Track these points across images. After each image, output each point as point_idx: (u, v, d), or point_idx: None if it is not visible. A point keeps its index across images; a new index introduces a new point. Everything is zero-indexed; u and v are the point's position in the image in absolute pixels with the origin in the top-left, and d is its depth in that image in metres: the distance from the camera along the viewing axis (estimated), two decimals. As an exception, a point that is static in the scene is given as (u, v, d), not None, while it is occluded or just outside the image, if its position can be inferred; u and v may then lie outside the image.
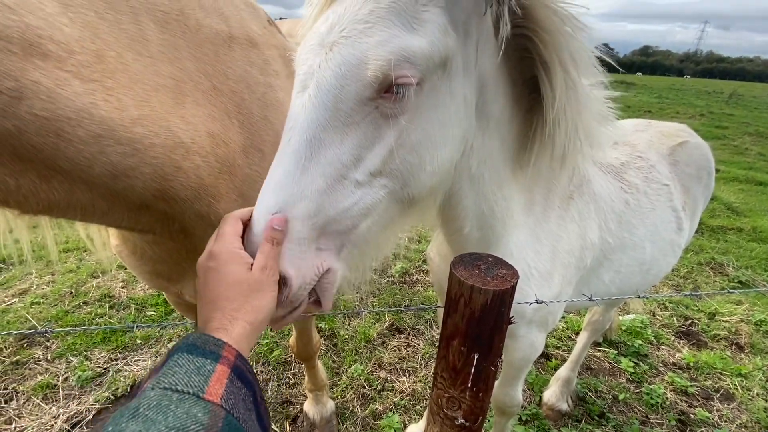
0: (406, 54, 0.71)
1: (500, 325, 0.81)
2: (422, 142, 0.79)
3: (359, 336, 3.05)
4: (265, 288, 0.69)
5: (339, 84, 0.72)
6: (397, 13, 0.73)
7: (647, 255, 1.67)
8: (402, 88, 0.72)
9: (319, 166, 0.73)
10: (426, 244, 4.46)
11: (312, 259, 0.76)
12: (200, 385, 0.53)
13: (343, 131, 0.74)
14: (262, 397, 0.63)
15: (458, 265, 0.84)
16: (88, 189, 0.87)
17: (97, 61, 0.82)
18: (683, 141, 1.96)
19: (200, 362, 0.56)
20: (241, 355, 0.61)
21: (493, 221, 1.13)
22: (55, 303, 3.35)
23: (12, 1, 0.71)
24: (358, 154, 0.75)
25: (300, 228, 0.73)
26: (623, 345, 3.19)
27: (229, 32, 1.16)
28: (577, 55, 0.91)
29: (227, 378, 0.56)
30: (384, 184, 0.79)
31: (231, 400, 0.54)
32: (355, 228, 0.79)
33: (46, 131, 0.75)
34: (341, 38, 0.73)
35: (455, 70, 0.82)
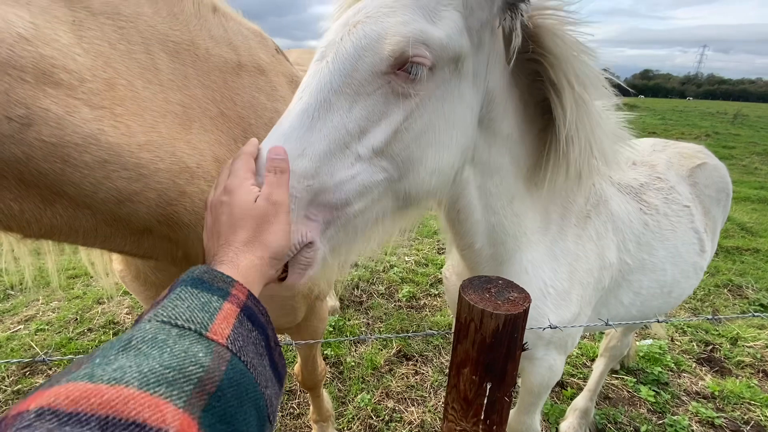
0: (423, 37, 0.75)
1: (513, 351, 0.77)
2: (427, 132, 0.81)
3: (366, 363, 2.96)
4: (272, 219, 0.64)
5: (357, 54, 0.75)
6: (420, 6, 0.78)
7: (668, 277, 1.63)
8: (416, 68, 0.75)
9: (324, 129, 0.74)
10: (433, 268, 4.40)
11: (299, 223, 0.74)
12: (204, 322, 0.47)
13: (353, 99, 0.75)
14: (276, 342, 0.57)
15: (468, 288, 0.81)
16: (91, 214, 0.87)
17: (107, 89, 0.84)
18: (702, 162, 1.95)
19: (206, 298, 0.50)
20: (252, 295, 0.55)
21: (504, 237, 1.14)
22: (60, 330, 3.32)
23: (29, 33, 0.73)
24: (365, 126, 0.76)
25: (295, 185, 0.72)
26: (642, 372, 3.05)
27: (237, 60, 1.18)
28: (585, 77, 0.95)
29: (236, 318, 0.50)
30: (384, 167, 0.79)
31: (239, 342, 0.48)
32: (347, 205, 0.77)
33: (53, 157, 0.75)
34: (365, 18, 0.78)
35: (466, 74, 0.86)
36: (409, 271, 4.35)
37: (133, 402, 0.36)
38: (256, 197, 0.66)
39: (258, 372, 0.49)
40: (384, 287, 4.04)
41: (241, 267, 0.58)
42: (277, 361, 0.56)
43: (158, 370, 0.39)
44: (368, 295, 3.91)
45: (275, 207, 0.65)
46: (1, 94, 0.68)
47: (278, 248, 0.64)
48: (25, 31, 0.72)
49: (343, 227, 0.80)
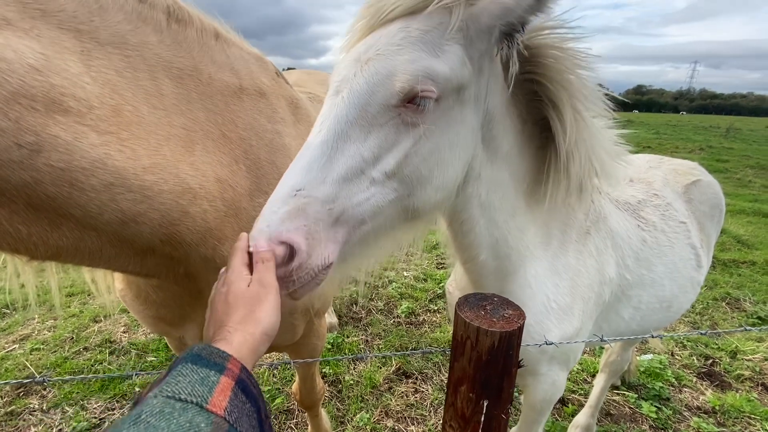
0: (429, 73, 0.83)
1: (509, 369, 0.78)
2: (433, 154, 0.88)
3: (365, 381, 2.94)
4: (263, 299, 0.70)
5: (370, 90, 0.83)
6: (425, 42, 0.85)
7: (667, 292, 1.65)
8: (424, 101, 0.83)
9: (342, 158, 0.81)
10: (432, 283, 4.40)
11: (324, 245, 0.80)
12: (204, 395, 0.52)
13: (367, 130, 0.83)
14: (267, 414, 0.61)
15: (463, 305, 0.83)
16: (97, 235, 0.89)
17: (114, 115, 0.87)
18: (697, 179, 1.99)
19: (204, 373, 0.55)
20: (245, 369, 0.59)
21: (507, 250, 1.17)
22: (55, 349, 3.29)
23: (39, 63, 0.77)
24: (378, 154, 0.84)
25: (319, 209, 0.79)
26: (643, 388, 3.03)
27: (239, 84, 1.23)
28: (584, 92, 1.01)
29: (231, 390, 0.55)
30: (395, 187, 0.87)
31: (235, 414, 0.52)
32: (363, 224, 0.85)
33: (62, 181, 0.78)
34: (376, 55, 0.85)
35: (468, 100, 0.92)
36: (408, 286, 4.34)
37: None
38: (248, 283, 0.73)
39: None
40: (383, 303, 4.03)
41: (235, 343, 0.63)
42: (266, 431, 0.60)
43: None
44: (367, 312, 3.89)
45: (265, 289, 0.71)
46: (12, 123, 0.71)
47: (269, 324, 0.69)
48: (35, 62, 0.76)
49: (357, 243, 0.87)
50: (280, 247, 0.76)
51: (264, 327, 0.68)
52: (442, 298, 4.11)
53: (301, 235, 0.77)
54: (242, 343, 0.63)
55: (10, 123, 0.71)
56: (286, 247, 0.76)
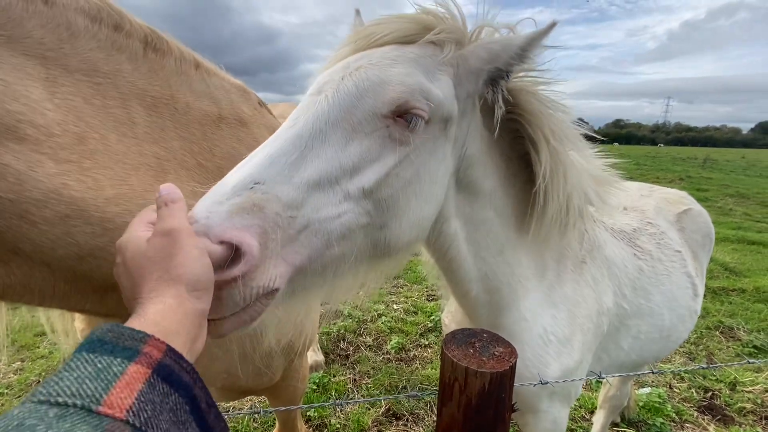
0: (424, 90, 0.79)
1: (502, 414, 0.71)
2: (413, 183, 0.82)
3: (352, 425, 2.75)
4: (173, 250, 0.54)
5: (359, 93, 0.76)
6: (419, 65, 0.83)
7: (666, 321, 1.63)
8: (415, 119, 0.78)
9: (317, 159, 0.70)
10: (423, 316, 4.28)
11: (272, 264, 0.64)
12: (95, 393, 0.38)
13: (350, 135, 0.74)
14: (210, 402, 0.48)
15: (450, 343, 0.76)
16: (49, 271, 0.81)
17: (77, 143, 0.82)
18: (688, 208, 2.02)
19: (105, 363, 0.41)
20: (172, 350, 0.46)
21: (498, 284, 1.15)
22: (20, 394, 3.04)
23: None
24: (358, 164, 0.74)
25: (280, 212, 0.64)
26: (644, 424, 2.90)
27: (218, 113, 1.20)
28: (559, 130, 1.01)
29: (144, 382, 0.41)
30: (369, 210, 0.76)
31: (146, 412, 0.39)
32: (328, 248, 0.71)
33: (10, 213, 0.71)
34: (369, 64, 0.80)
35: (450, 137, 0.90)
36: (397, 320, 4.21)
37: None
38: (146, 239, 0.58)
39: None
40: (372, 338, 3.88)
41: (150, 314, 0.49)
42: (212, 424, 0.48)
43: None
44: (355, 348, 3.73)
45: (171, 236, 0.56)
46: None
47: (193, 276, 0.54)
48: None
49: (313, 275, 0.72)
50: (219, 246, 0.59)
51: (189, 281, 0.53)
52: (433, 332, 3.98)
53: (254, 235, 0.61)
54: (161, 312, 0.50)
55: (-46, 151, 0.66)
56: (227, 247, 0.60)
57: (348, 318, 4.19)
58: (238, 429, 2.72)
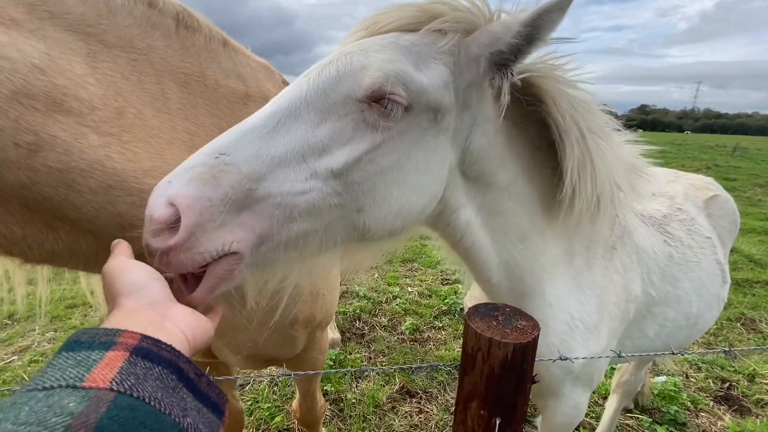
0: (404, 77, 0.78)
1: (523, 384, 0.73)
2: (393, 170, 0.80)
3: (367, 400, 2.84)
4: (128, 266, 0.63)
5: (338, 77, 0.78)
6: (411, 52, 0.82)
7: (694, 309, 1.61)
8: (391, 104, 0.77)
9: (286, 136, 0.73)
10: (437, 299, 4.32)
11: (227, 228, 0.67)
12: (78, 375, 0.43)
13: (323, 116, 0.76)
14: (198, 372, 0.53)
15: (474, 316, 0.78)
16: (93, 239, 0.86)
17: (116, 117, 0.86)
18: (715, 194, 1.97)
19: (83, 355, 0.46)
20: (148, 337, 0.51)
21: (520, 272, 1.13)
22: (54, 362, 3.23)
23: (43, 63, 0.76)
24: (328, 145, 0.75)
25: (235, 184, 0.67)
26: (657, 411, 2.90)
27: (245, 91, 1.22)
28: (581, 114, 0.97)
29: (124, 361, 0.46)
30: (339, 191, 0.76)
31: (129, 381, 0.44)
32: (291, 221, 0.73)
33: (58, 182, 0.76)
34: (358, 50, 0.82)
35: (444, 129, 0.87)
36: (412, 302, 4.26)
37: None
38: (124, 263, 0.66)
39: (165, 402, 0.45)
40: (386, 319, 3.95)
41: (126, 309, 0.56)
42: (204, 389, 0.53)
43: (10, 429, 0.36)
44: (370, 328, 3.81)
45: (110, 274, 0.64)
46: (11, 122, 0.70)
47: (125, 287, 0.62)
48: (39, 62, 0.75)
49: (283, 246, 0.74)
50: (166, 208, 0.64)
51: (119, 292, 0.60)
52: (447, 315, 4.03)
53: (196, 209, 0.64)
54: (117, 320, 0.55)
55: (9, 122, 0.70)
56: (173, 211, 0.64)
57: (364, 299, 4.26)
58: (258, 399, 2.84)
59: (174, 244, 0.63)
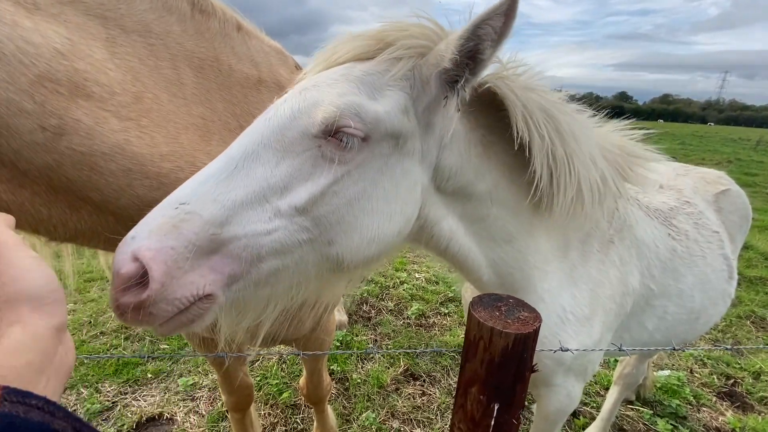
0: (357, 109, 0.78)
1: (522, 372, 0.75)
2: (360, 200, 0.80)
3: (372, 381, 2.92)
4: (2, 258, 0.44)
5: (293, 115, 0.79)
6: (364, 82, 0.83)
7: (696, 303, 1.60)
8: (347, 138, 0.78)
9: (246, 178, 0.74)
10: (444, 286, 4.36)
11: (195, 274, 0.68)
12: None
13: (281, 155, 0.77)
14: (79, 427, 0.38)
15: (477, 305, 0.80)
16: (114, 220, 0.90)
17: (135, 102, 0.88)
18: (726, 189, 1.94)
19: None
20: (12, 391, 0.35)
21: (509, 270, 1.14)
22: (74, 332, 3.38)
23: (65, 48, 0.78)
24: (288, 183, 0.76)
25: (197, 231, 0.67)
26: (659, 404, 2.92)
27: (258, 76, 1.23)
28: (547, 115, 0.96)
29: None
30: (307, 227, 0.77)
31: None
32: (259, 261, 0.74)
33: (82, 165, 0.79)
34: (313, 86, 0.83)
35: (410, 152, 0.88)
36: (419, 288, 4.31)
37: None
38: None
39: None
40: (393, 303, 4.01)
41: None
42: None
43: None
44: (377, 311, 3.88)
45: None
46: (37, 105, 0.73)
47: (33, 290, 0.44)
48: (61, 46, 0.77)
49: (254, 284, 0.75)
50: (131, 264, 0.63)
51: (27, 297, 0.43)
52: (453, 302, 4.07)
53: (161, 260, 0.64)
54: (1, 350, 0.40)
55: (36, 106, 0.72)
56: (138, 266, 0.64)
57: (371, 283, 4.32)
58: (267, 376, 2.95)
59: (147, 297, 0.64)
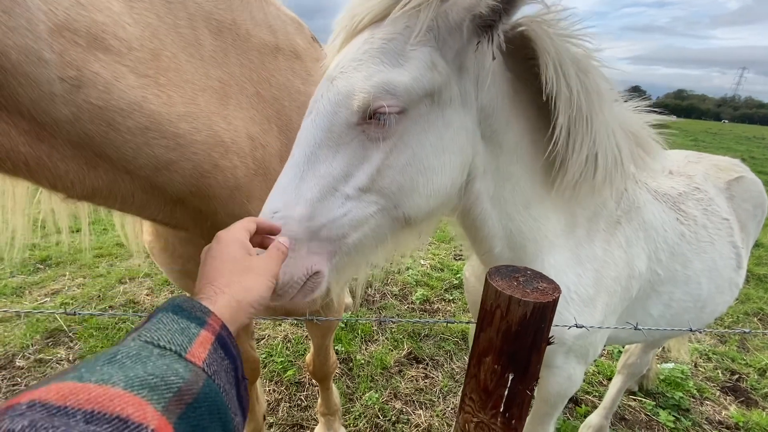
0: (386, 87, 0.81)
1: (539, 343, 0.75)
2: (412, 164, 0.86)
3: (375, 362, 2.95)
4: (260, 273, 0.68)
5: (333, 110, 0.83)
6: (386, 52, 0.84)
7: (703, 291, 1.57)
8: (382, 116, 0.82)
9: (314, 178, 0.83)
10: (449, 273, 4.36)
11: (303, 259, 0.83)
12: (183, 344, 0.50)
13: (335, 149, 0.84)
14: (243, 375, 0.59)
15: (495, 275, 0.79)
16: (130, 179, 0.89)
17: (153, 59, 0.87)
18: (740, 176, 1.89)
19: (185, 324, 0.53)
20: (226, 327, 0.58)
21: (523, 241, 1.13)
22: (83, 305, 3.43)
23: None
24: (348, 171, 0.84)
25: (296, 228, 0.81)
26: (662, 396, 2.92)
27: (275, 43, 1.21)
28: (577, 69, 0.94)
29: (211, 344, 0.53)
30: (374, 200, 0.86)
31: (213, 366, 0.51)
32: (345, 237, 0.86)
33: (99, 119, 0.78)
34: (340, 73, 0.85)
35: (449, 102, 0.88)
36: (424, 274, 4.31)
37: (118, 399, 0.39)
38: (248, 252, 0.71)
39: (229, 396, 0.52)
40: (398, 288, 4.02)
41: (218, 304, 0.61)
42: (242, 393, 0.58)
43: (142, 375, 0.42)
44: (381, 295, 3.89)
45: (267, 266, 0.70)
46: (56, 55, 0.71)
47: (258, 297, 0.66)
48: None
49: (346, 254, 0.89)
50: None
51: (254, 298, 0.66)
52: (457, 289, 4.07)
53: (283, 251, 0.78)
54: (225, 306, 0.61)
55: (54, 56, 0.71)
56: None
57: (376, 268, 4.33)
58: (272, 353, 2.99)
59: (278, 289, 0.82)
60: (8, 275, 3.78)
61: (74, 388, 0.38)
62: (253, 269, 0.68)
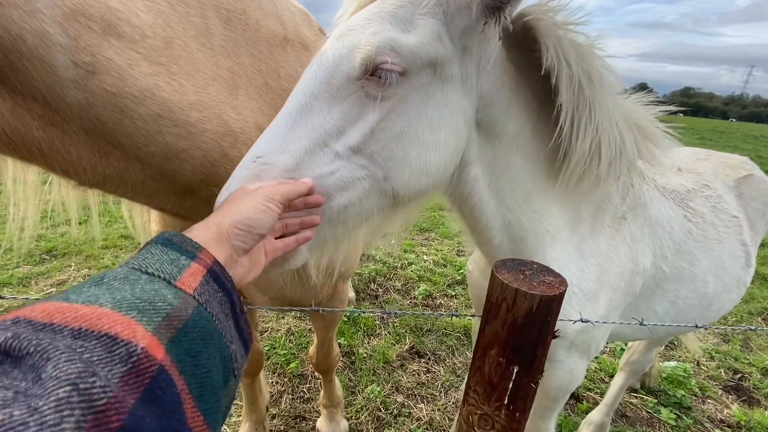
0: (392, 44, 0.80)
1: (545, 336, 0.75)
2: (407, 133, 0.84)
3: (378, 356, 2.96)
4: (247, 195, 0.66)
5: (335, 63, 0.82)
6: (396, 17, 0.84)
7: (710, 289, 1.56)
8: (385, 73, 0.80)
9: (305, 128, 0.80)
10: (452, 269, 4.36)
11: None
12: (173, 273, 0.49)
13: (330, 102, 0.82)
14: (242, 309, 0.59)
15: (501, 268, 0.79)
16: (141, 167, 0.90)
17: (165, 47, 0.87)
18: (748, 174, 1.88)
19: (174, 255, 0.52)
20: (218, 262, 0.57)
21: (523, 233, 1.13)
22: (89, 295, 3.47)
23: (98, -15, 0.77)
24: (341, 126, 0.82)
25: (277, 175, 0.78)
26: (663, 394, 2.93)
27: (284, 34, 1.21)
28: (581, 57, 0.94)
29: (202, 276, 0.52)
30: (364, 164, 0.83)
31: (205, 296, 0.50)
32: (329, 198, 0.82)
33: (112, 106, 0.79)
34: (348, 30, 0.85)
35: (449, 79, 0.88)
36: (426, 270, 4.32)
37: (107, 318, 0.38)
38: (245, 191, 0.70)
39: (223, 325, 0.51)
40: (401, 284, 4.03)
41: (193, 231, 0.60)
42: (242, 326, 0.58)
43: (130, 298, 0.42)
44: (384, 290, 3.91)
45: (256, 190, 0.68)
46: (71, 40, 0.72)
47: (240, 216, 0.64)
48: None
49: (328, 221, 0.84)
50: None
51: (232, 220, 0.63)
52: (460, 285, 4.08)
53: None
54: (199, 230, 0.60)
55: (69, 40, 0.72)
56: None
57: (379, 263, 4.35)
58: (275, 346, 3.01)
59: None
60: (14, 265, 3.82)
61: (60, 307, 0.38)
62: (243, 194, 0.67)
